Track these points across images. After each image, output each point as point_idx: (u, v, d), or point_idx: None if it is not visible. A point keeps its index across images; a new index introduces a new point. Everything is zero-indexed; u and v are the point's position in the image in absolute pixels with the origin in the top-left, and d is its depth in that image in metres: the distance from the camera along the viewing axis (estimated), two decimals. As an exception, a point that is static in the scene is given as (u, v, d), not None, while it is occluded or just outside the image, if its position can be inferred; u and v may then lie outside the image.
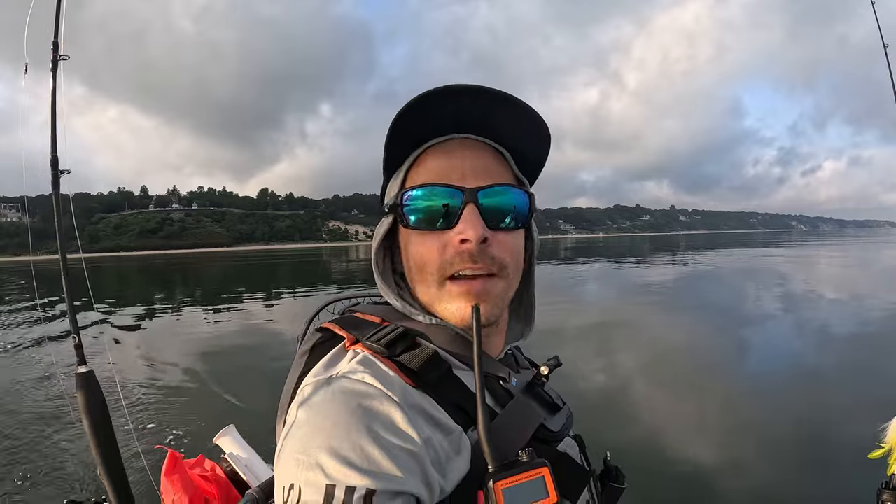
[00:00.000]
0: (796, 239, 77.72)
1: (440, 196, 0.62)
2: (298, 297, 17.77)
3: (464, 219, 0.60)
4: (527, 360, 0.85)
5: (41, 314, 13.30)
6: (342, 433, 0.49)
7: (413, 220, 0.64)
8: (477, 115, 0.62)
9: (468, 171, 0.63)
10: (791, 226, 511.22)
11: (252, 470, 1.57)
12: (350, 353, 0.61)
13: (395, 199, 0.66)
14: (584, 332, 9.14)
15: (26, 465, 4.13)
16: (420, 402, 0.56)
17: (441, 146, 0.65)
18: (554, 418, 0.71)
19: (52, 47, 1.96)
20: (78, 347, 1.96)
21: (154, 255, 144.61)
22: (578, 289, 17.30)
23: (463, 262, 0.61)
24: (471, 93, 0.59)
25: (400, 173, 0.68)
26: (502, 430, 0.61)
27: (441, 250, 0.62)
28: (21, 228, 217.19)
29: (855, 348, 7.32)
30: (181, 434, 4.67)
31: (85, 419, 1.88)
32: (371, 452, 0.48)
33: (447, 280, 0.63)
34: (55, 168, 1.87)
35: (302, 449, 0.49)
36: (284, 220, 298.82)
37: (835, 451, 3.88)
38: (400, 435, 0.51)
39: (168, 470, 1.41)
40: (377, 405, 0.52)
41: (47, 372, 6.85)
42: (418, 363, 0.59)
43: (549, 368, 0.74)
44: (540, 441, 0.65)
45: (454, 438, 0.56)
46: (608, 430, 4.44)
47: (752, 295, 13.82)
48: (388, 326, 0.65)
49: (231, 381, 6.40)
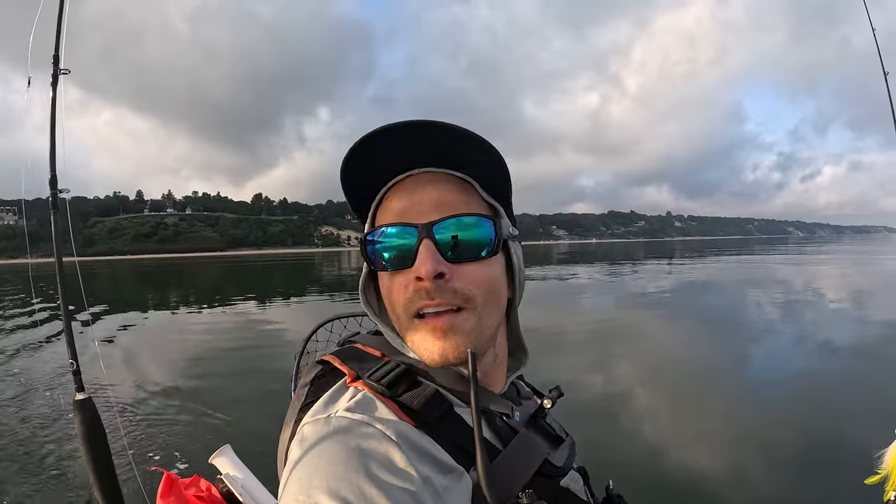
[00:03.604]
0: (791, 245, 77.95)
1: (399, 235, 0.62)
2: (292, 303, 17.72)
3: (418, 256, 0.60)
4: (528, 389, 0.84)
5: (38, 318, 13.18)
6: (341, 474, 0.49)
7: (377, 263, 0.65)
8: (430, 148, 0.62)
9: (428, 206, 0.62)
10: (787, 232, 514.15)
11: (248, 491, 1.56)
12: (351, 390, 0.61)
13: (361, 244, 0.66)
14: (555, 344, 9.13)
15: (23, 486, 4.07)
16: (420, 441, 0.56)
17: (403, 183, 0.65)
18: (557, 452, 0.71)
19: (53, 61, 1.94)
20: (76, 373, 1.93)
21: (147, 259, 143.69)
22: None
23: (421, 299, 0.60)
24: (409, 128, 0.59)
25: (369, 215, 0.68)
26: (504, 468, 0.61)
27: (404, 289, 0.62)
28: (17, 231, 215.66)
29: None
30: (176, 454, 4.60)
31: (83, 446, 1.85)
32: (369, 493, 0.47)
33: (414, 318, 0.62)
34: (54, 187, 1.85)
35: (302, 489, 0.49)
36: (277, 225, 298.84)
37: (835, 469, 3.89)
38: (399, 475, 0.50)
39: (164, 492, 1.39)
40: (376, 445, 0.52)
41: (45, 395, 6.70)
42: (419, 403, 0.59)
43: (552, 401, 0.73)
44: (543, 476, 0.65)
45: (454, 478, 0.56)
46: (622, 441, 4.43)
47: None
48: (389, 363, 0.65)
49: (226, 398, 6.32)
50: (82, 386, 1.93)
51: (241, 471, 1.63)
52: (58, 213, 1.85)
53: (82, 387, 1.93)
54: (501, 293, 0.66)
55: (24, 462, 4.54)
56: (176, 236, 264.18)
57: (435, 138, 0.60)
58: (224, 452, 1.69)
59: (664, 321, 11.75)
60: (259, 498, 1.55)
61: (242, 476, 1.60)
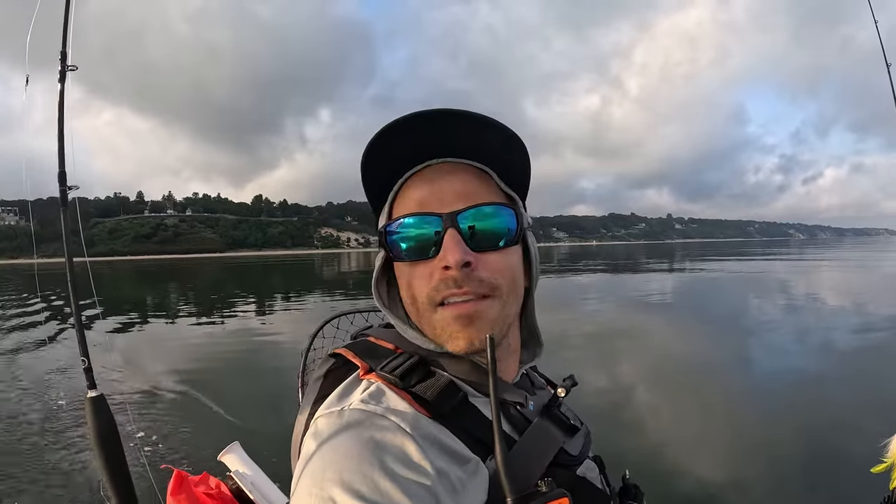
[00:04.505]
0: (793, 248, 77.55)
1: (420, 225, 0.62)
2: (295, 304, 17.71)
3: (444, 245, 0.60)
4: (542, 379, 0.83)
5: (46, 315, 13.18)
6: (354, 466, 0.48)
7: (398, 253, 0.64)
8: (449, 137, 0.62)
9: (450, 195, 0.62)
10: (788, 234, 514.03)
11: (258, 488, 1.55)
12: (364, 383, 0.61)
13: (381, 234, 0.66)
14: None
15: (31, 484, 4.08)
16: (435, 433, 0.56)
17: (422, 173, 0.65)
18: (572, 441, 0.70)
19: (60, 57, 1.91)
20: (87, 371, 1.91)
21: (147, 261, 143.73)
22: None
23: (448, 288, 0.60)
24: (427, 118, 0.59)
25: (386, 206, 0.68)
26: (521, 457, 0.61)
27: (428, 279, 0.62)
28: (18, 231, 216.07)
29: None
30: (186, 450, 4.62)
31: (96, 445, 1.83)
32: (384, 486, 0.47)
33: (438, 307, 0.62)
34: (63, 184, 1.82)
35: (315, 482, 0.49)
36: (277, 227, 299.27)
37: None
38: (413, 467, 0.50)
39: (174, 489, 1.38)
40: (390, 438, 0.52)
41: (55, 393, 6.69)
42: (433, 393, 0.59)
43: (566, 390, 0.73)
44: (559, 466, 0.65)
45: (471, 469, 0.56)
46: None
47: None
48: (402, 354, 0.65)
49: (234, 395, 6.33)
50: (94, 383, 1.90)
51: (251, 467, 1.63)
52: (67, 211, 1.84)
53: (94, 384, 1.90)
54: (521, 282, 0.67)
55: (35, 459, 4.55)
56: (176, 237, 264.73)
57: (455, 127, 0.60)
58: (233, 449, 1.69)
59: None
60: (268, 494, 1.54)
61: (251, 473, 1.60)
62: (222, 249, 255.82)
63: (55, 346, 9.78)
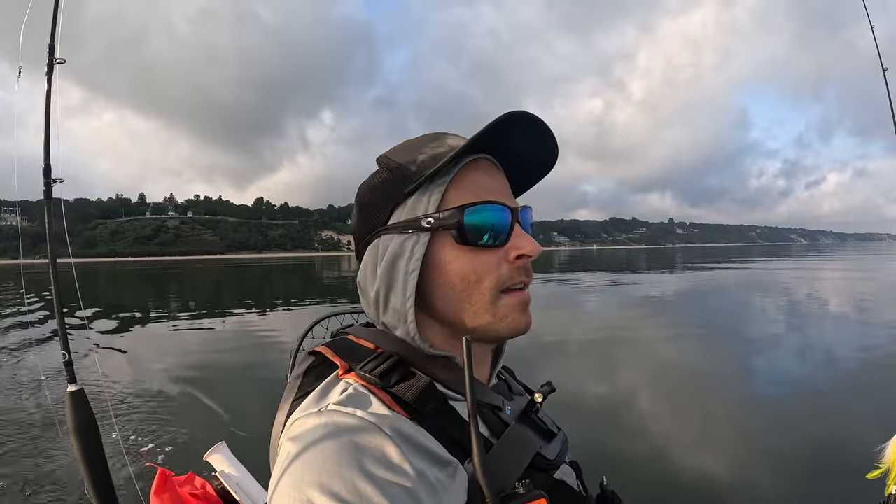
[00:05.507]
0: (795, 253, 77.54)
1: (502, 212, 0.64)
2: (290, 304, 17.73)
3: (519, 235, 0.65)
4: (520, 385, 0.84)
5: (30, 317, 13.20)
6: (333, 469, 0.48)
7: (474, 237, 0.64)
8: (536, 149, 0.69)
9: (501, 190, 0.67)
10: (790, 239, 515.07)
11: (244, 489, 1.53)
12: (342, 383, 0.60)
13: (452, 215, 0.64)
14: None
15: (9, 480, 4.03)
16: (414, 434, 0.55)
17: (478, 163, 0.67)
18: (549, 446, 0.71)
19: (48, 50, 1.91)
20: (68, 364, 1.89)
21: (147, 262, 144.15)
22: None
23: (520, 276, 0.65)
24: (540, 123, 0.64)
25: (433, 188, 0.65)
26: (498, 460, 0.61)
27: (496, 265, 0.64)
28: (17, 232, 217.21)
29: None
30: (170, 449, 4.55)
31: (74, 440, 1.81)
32: (363, 488, 0.46)
33: (502, 293, 0.64)
34: (47, 177, 1.81)
35: (294, 485, 0.48)
36: (278, 230, 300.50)
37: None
38: (393, 469, 0.50)
39: (158, 489, 1.36)
40: (369, 439, 0.51)
41: (34, 386, 6.70)
42: (413, 395, 0.59)
43: (543, 396, 0.75)
44: (536, 469, 0.65)
45: (450, 471, 0.55)
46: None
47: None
48: (381, 354, 0.65)
49: (222, 394, 6.28)
50: (74, 377, 1.89)
51: (237, 468, 1.61)
52: (51, 203, 1.82)
53: (74, 378, 1.89)
54: None
55: (13, 455, 4.49)
56: (176, 239, 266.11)
57: (544, 141, 0.68)
58: (219, 449, 1.67)
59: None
60: (254, 495, 1.52)
61: (237, 473, 1.58)
62: (222, 251, 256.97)
63: (44, 346, 9.75)
